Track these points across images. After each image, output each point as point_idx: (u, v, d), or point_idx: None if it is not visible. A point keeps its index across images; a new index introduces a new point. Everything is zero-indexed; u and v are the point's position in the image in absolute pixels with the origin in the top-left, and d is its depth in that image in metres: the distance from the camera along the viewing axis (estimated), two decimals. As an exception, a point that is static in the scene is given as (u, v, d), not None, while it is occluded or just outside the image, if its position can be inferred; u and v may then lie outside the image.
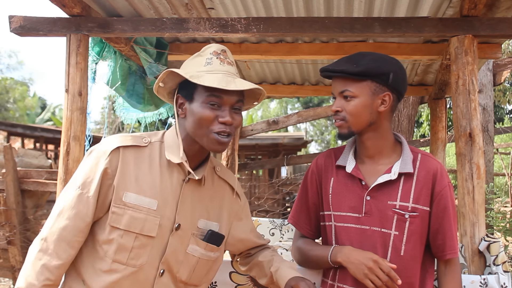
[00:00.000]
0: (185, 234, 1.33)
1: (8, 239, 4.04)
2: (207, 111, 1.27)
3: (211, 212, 1.40)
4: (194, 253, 1.35)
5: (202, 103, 1.28)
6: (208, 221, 1.39)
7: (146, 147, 1.34)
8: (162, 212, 1.29)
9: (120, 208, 1.27)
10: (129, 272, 1.27)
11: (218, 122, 1.28)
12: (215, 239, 1.39)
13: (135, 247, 1.27)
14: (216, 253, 1.41)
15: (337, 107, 1.47)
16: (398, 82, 1.44)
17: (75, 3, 2.22)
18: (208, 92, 1.27)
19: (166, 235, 1.30)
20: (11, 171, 4.05)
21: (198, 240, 1.35)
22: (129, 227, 1.26)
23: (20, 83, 27.27)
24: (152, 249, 1.29)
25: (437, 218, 1.45)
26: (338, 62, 1.49)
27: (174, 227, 1.31)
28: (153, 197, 1.29)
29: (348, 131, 1.47)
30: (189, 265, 1.34)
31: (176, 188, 1.33)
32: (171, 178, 1.33)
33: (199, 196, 1.38)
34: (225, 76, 1.28)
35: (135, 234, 1.27)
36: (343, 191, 1.51)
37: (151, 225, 1.28)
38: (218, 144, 1.29)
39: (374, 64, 1.41)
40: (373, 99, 1.44)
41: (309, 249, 1.58)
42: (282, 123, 5.31)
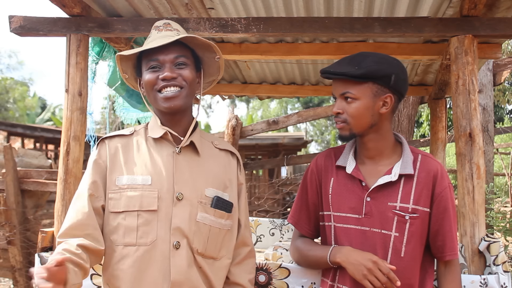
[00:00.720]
0: (191, 203, 1.33)
1: (8, 239, 4.04)
2: (148, 75, 1.34)
3: (219, 182, 1.41)
4: (205, 221, 1.34)
5: (145, 71, 1.36)
6: (218, 190, 1.39)
7: (131, 135, 1.42)
8: (158, 185, 1.32)
9: (116, 193, 1.32)
10: (142, 252, 1.28)
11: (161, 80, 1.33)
12: (222, 205, 1.38)
13: (140, 225, 1.29)
14: (228, 221, 1.40)
15: (338, 109, 1.46)
16: (399, 83, 1.44)
17: (75, 3, 2.22)
18: (146, 60, 1.35)
19: (170, 206, 1.31)
20: (11, 171, 4.05)
21: (207, 208, 1.35)
22: (128, 207, 1.30)
23: (20, 83, 27.26)
24: (159, 223, 1.29)
25: (437, 219, 1.45)
26: (339, 63, 1.47)
27: (176, 197, 1.32)
28: (145, 173, 1.33)
29: (350, 133, 1.46)
30: (202, 235, 1.34)
31: (168, 161, 1.35)
32: (161, 153, 1.36)
33: (199, 166, 1.39)
34: (159, 39, 1.34)
35: (136, 212, 1.29)
36: (343, 192, 1.50)
37: (149, 199, 1.30)
38: (165, 100, 1.33)
39: (376, 67, 1.40)
40: (374, 101, 1.43)
41: (308, 249, 1.57)
42: (282, 123, 5.31)
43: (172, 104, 1.33)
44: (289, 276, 1.70)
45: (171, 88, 1.33)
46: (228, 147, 1.51)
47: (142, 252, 1.29)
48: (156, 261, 1.29)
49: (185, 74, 1.35)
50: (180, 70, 1.35)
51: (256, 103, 29.61)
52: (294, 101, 26.75)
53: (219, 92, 4.12)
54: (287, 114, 6.40)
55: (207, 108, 30.70)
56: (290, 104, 28.74)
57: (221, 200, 1.38)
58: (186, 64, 1.37)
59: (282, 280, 1.71)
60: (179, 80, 1.34)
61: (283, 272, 1.71)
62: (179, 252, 1.30)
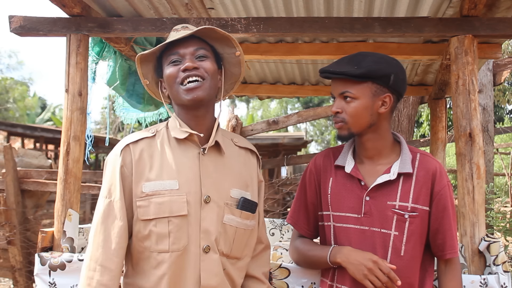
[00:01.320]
0: (219, 205, 1.32)
1: (8, 239, 4.04)
2: (170, 69, 1.33)
3: (242, 181, 1.40)
4: (231, 223, 1.34)
5: (166, 67, 1.35)
6: (241, 190, 1.38)
7: (154, 136, 1.37)
8: (186, 189, 1.29)
9: (144, 200, 1.29)
10: (175, 257, 1.27)
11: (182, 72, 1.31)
12: (248, 206, 1.37)
13: (172, 231, 1.27)
14: (252, 221, 1.40)
15: (337, 108, 1.46)
16: (398, 83, 1.44)
17: (75, 3, 2.22)
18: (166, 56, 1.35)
19: (198, 210, 1.30)
20: (11, 171, 4.05)
21: (233, 209, 1.34)
22: (158, 214, 1.27)
23: (20, 83, 27.26)
24: (189, 227, 1.28)
25: (437, 218, 1.45)
26: (339, 63, 1.47)
27: (203, 200, 1.30)
28: (171, 178, 1.30)
29: (348, 133, 1.46)
30: (228, 236, 1.33)
31: (194, 163, 1.33)
32: (186, 155, 1.33)
33: (224, 166, 1.37)
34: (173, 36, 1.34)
35: (166, 219, 1.27)
36: (342, 192, 1.50)
37: (178, 204, 1.28)
38: (187, 92, 1.31)
39: (375, 66, 1.40)
40: (373, 101, 1.43)
41: (307, 249, 1.57)
42: (282, 123, 5.30)
43: (195, 95, 1.30)
44: (289, 276, 1.70)
45: (193, 78, 1.30)
46: (248, 145, 1.49)
47: (175, 257, 1.27)
48: (189, 266, 1.28)
49: (206, 65, 1.33)
50: (201, 62, 1.33)
51: (256, 103, 29.62)
52: (294, 101, 26.75)
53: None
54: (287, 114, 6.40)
55: (207, 108, 30.65)
56: (290, 104, 28.74)
57: (247, 201, 1.37)
58: (207, 56, 1.35)
59: (282, 280, 1.71)
60: (201, 71, 1.32)
61: (283, 272, 1.71)
62: (208, 256, 1.29)
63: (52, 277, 1.82)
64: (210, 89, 1.34)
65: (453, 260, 1.48)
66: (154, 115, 3.96)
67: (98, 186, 4.41)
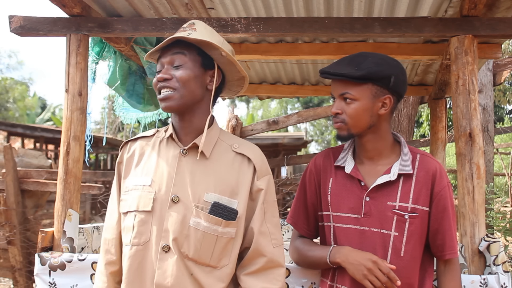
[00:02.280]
0: (187, 207, 1.30)
1: (8, 239, 4.04)
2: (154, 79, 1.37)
3: (225, 186, 1.34)
4: (198, 227, 1.29)
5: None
6: (222, 196, 1.32)
7: (152, 136, 1.44)
8: (157, 186, 1.32)
9: (125, 194, 1.36)
10: (135, 251, 1.30)
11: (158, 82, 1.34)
12: (221, 211, 1.31)
13: (136, 225, 1.30)
14: (228, 229, 1.31)
15: (337, 109, 1.46)
16: (399, 85, 1.43)
17: (75, 3, 2.22)
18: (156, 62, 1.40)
19: (165, 208, 1.30)
20: (11, 171, 4.05)
21: (202, 213, 1.30)
22: (129, 207, 1.33)
23: (20, 83, 27.26)
24: (153, 224, 1.30)
25: (437, 218, 1.45)
26: (339, 64, 1.46)
27: (171, 199, 1.30)
28: (147, 174, 1.35)
29: (348, 134, 1.46)
30: (194, 240, 1.29)
31: (172, 162, 1.35)
32: (167, 154, 1.37)
33: (204, 169, 1.35)
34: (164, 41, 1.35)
35: (134, 212, 1.31)
36: (342, 192, 1.50)
37: (145, 200, 1.31)
38: (161, 101, 1.35)
39: (376, 68, 1.39)
40: (373, 102, 1.43)
41: (307, 249, 1.57)
42: (282, 123, 5.31)
43: (167, 104, 1.33)
44: (289, 276, 1.69)
45: (164, 90, 1.34)
46: (247, 152, 1.40)
47: (135, 251, 1.30)
48: (147, 262, 1.29)
49: (179, 74, 1.32)
50: (175, 71, 1.33)
51: (256, 103, 29.62)
52: (294, 101, 26.76)
53: (219, 92, 4.11)
54: (287, 114, 6.40)
55: (207, 108, 30.66)
56: (290, 104, 28.75)
57: (221, 207, 1.31)
58: (183, 64, 1.33)
59: (282, 280, 1.71)
60: (171, 82, 1.32)
61: (283, 272, 1.71)
62: (167, 255, 1.28)
63: (52, 277, 1.82)
64: (183, 98, 1.33)
65: (452, 261, 1.48)
66: (154, 115, 3.95)
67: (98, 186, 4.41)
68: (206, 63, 1.38)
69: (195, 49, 1.37)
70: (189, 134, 1.38)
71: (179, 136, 1.39)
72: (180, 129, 1.39)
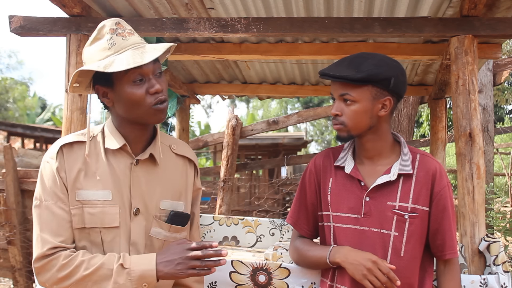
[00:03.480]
0: (147, 218, 1.30)
1: (8, 239, 4.04)
2: (135, 91, 1.24)
3: (175, 191, 1.36)
4: (158, 236, 1.31)
5: (126, 84, 1.24)
6: (173, 201, 1.35)
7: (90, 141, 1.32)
8: (118, 200, 1.28)
9: (78, 208, 1.26)
10: None
11: (151, 94, 1.25)
12: (179, 219, 1.34)
13: (105, 241, 1.26)
14: (183, 233, 1.37)
15: (336, 110, 1.45)
16: (399, 86, 1.43)
17: (75, 3, 2.22)
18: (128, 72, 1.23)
19: (128, 222, 1.28)
20: (11, 171, 4.05)
21: (161, 223, 1.32)
22: (90, 223, 1.25)
23: (20, 83, 27.27)
24: (121, 239, 1.28)
25: (437, 218, 1.45)
26: (338, 65, 1.45)
27: (133, 212, 1.29)
28: (105, 188, 1.27)
29: (348, 135, 1.46)
30: (154, 249, 1.31)
31: (125, 174, 1.30)
32: (118, 165, 1.30)
33: (156, 177, 1.34)
34: (133, 51, 1.24)
35: (98, 229, 1.26)
36: (342, 192, 1.50)
37: (111, 215, 1.26)
38: (159, 113, 1.27)
39: (375, 70, 1.39)
40: (373, 104, 1.42)
41: (307, 249, 1.57)
42: (282, 123, 5.31)
43: (163, 117, 1.29)
44: (289, 276, 1.70)
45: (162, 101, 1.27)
46: (186, 152, 1.43)
47: None
48: None
49: (165, 84, 1.30)
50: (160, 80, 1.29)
51: (256, 103, 29.64)
52: (294, 101, 26.76)
53: (219, 92, 4.12)
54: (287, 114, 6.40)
55: (207, 108, 30.71)
56: (290, 104, 28.75)
57: (178, 215, 1.34)
58: (161, 71, 1.31)
59: (282, 280, 1.71)
60: (164, 92, 1.29)
61: (283, 272, 1.71)
62: None
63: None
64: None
65: (452, 261, 1.48)
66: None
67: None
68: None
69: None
70: (139, 143, 1.34)
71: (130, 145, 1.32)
72: (133, 139, 1.32)
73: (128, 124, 1.31)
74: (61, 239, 1.23)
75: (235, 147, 5.20)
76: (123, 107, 1.27)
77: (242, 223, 2.86)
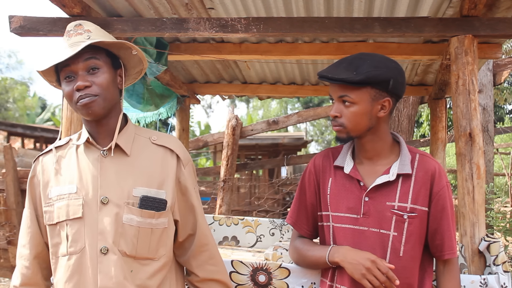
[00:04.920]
0: (118, 205, 1.31)
1: (8, 239, 4.05)
2: (66, 88, 1.31)
3: (152, 179, 1.36)
4: (131, 223, 1.31)
5: (62, 82, 1.33)
6: (150, 189, 1.34)
7: (66, 144, 1.42)
8: (83, 192, 1.31)
9: (49, 206, 1.34)
10: (73, 260, 1.29)
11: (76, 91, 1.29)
12: (150, 204, 1.33)
13: (69, 234, 1.29)
14: (160, 219, 1.35)
15: (336, 112, 1.45)
16: (397, 87, 1.43)
17: (75, 3, 2.22)
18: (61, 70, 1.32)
19: (95, 212, 1.30)
20: (11, 171, 4.05)
21: (132, 209, 1.31)
22: (58, 218, 1.31)
23: (20, 83, 27.27)
24: (86, 230, 1.29)
25: (436, 218, 1.45)
26: (337, 67, 1.45)
27: (100, 201, 1.30)
28: (71, 182, 1.33)
29: (347, 136, 1.46)
30: (129, 236, 1.30)
31: (94, 166, 1.34)
32: (87, 159, 1.35)
33: (128, 166, 1.35)
34: (67, 48, 1.29)
35: (64, 222, 1.30)
36: (341, 192, 1.50)
37: (74, 207, 1.30)
38: (82, 109, 1.30)
39: (374, 72, 1.38)
40: (372, 105, 1.42)
41: (307, 249, 1.57)
42: (282, 123, 5.31)
43: (90, 110, 1.30)
44: (289, 276, 1.70)
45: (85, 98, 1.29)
46: (167, 143, 1.42)
47: (74, 260, 1.29)
48: (87, 268, 1.28)
49: (99, 80, 1.31)
50: (93, 76, 1.31)
51: (256, 103, 29.64)
52: (294, 101, 26.76)
53: (219, 92, 4.12)
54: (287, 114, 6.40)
55: (207, 108, 30.72)
56: (290, 104, 28.74)
57: (150, 199, 1.33)
58: (99, 68, 1.32)
59: (282, 280, 1.71)
60: (93, 88, 1.30)
61: (283, 272, 1.72)
62: (107, 257, 1.28)
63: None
64: (106, 102, 1.32)
65: (451, 261, 1.48)
66: (154, 115, 3.96)
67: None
68: (115, 63, 1.40)
69: (104, 51, 1.36)
70: (107, 136, 1.37)
71: (96, 140, 1.37)
72: (97, 133, 1.36)
73: (84, 120, 1.39)
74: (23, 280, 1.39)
75: (235, 147, 5.20)
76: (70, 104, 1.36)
77: (242, 223, 2.86)
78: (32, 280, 1.38)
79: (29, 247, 1.38)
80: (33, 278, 1.37)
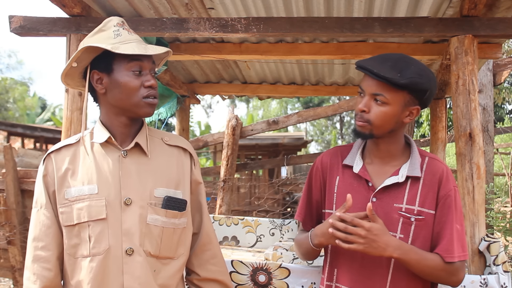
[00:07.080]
0: (141, 206, 1.31)
1: (8, 239, 4.05)
2: (132, 80, 1.31)
3: (170, 180, 1.38)
4: (156, 223, 1.32)
5: (124, 72, 1.31)
6: (169, 189, 1.36)
7: (77, 142, 1.39)
8: (105, 192, 1.30)
9: (67, 206, 1.31)
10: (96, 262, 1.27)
11: (144, 87, 1.32)
12: (174, 204, 1.35)
13: (92, 235, 1.28)
14: (182, 219, 1.37)
15: (364, 106, 1.42)
16: (430, 98, 1.43)
17: (75, 3, 2.22)
18: (129, 61, 1.31)
19: (119, 212, 1.30)
20: (11, 171, 4.05)
21: (157, 209, 1.33)
22: (79, 219, 1.29)
23: (20, 83, 27.27)
24: (110, 231, 1.28)
25: (439, 222, 1.44)
26: (381, 65, 1.41)
27: (124, 202, 1.30)
28: (91, 182, 1.31)
29: (369, 133, 1.44)
30: (154, 236, 1.32)
31: (114, 166, 1.33)
32: (106, 159, 1.34)
33: (148, 166, 1.36)
34: (138, 44, 1.32)
35: (86, 223, 1.28)
36: (349, 191, 1.49)
37: (97, 208, 1.29)
38: (149, 107, 1.33)
39: (418, 80, 1.37)
40: (403, 110, 1.41)
41: (299, 238, 1.59)
42: (282, 123, 5.31)
43: (152, 111, 1.35)
44: (289, 276, 1.70)
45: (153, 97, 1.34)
46: (179, 142, 1.46)
47: (97, 262, 1.28)
48: (111, 270, 1.28)
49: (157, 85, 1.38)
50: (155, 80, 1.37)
51: (256, 103, 29.64)
52: (294, 101, 26.76)
53: (219, 92, 4.12)
54: (287, 114, 6.40)
55: (207, 108, 30.72)
56: (290, 104, 28.74)
57: (173, 200, 1.35)
58: (156, 73, 1.40)
59: (282, 280, 1.71)
60: (157, 90, 1.37)
61: (283, 272, 1.72)
62: (132, 258, 1.29)
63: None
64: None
65: (453, 265, 1.47)
66: (154, 115, 3.96)
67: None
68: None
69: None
70: (128, 136, 1.38)
71: (116, 140, 1.36)
72: (119, 133, 1.37)
73: (115, 116, 1.36)
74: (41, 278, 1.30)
75: (235, 147, 5.20)
76: (117, 94, 1.33)
77: (242, 223, 2.87)
78: (54, 282, 1.31)
79: (51, 247, 1.31)
80: (54, 280, 1.31)
